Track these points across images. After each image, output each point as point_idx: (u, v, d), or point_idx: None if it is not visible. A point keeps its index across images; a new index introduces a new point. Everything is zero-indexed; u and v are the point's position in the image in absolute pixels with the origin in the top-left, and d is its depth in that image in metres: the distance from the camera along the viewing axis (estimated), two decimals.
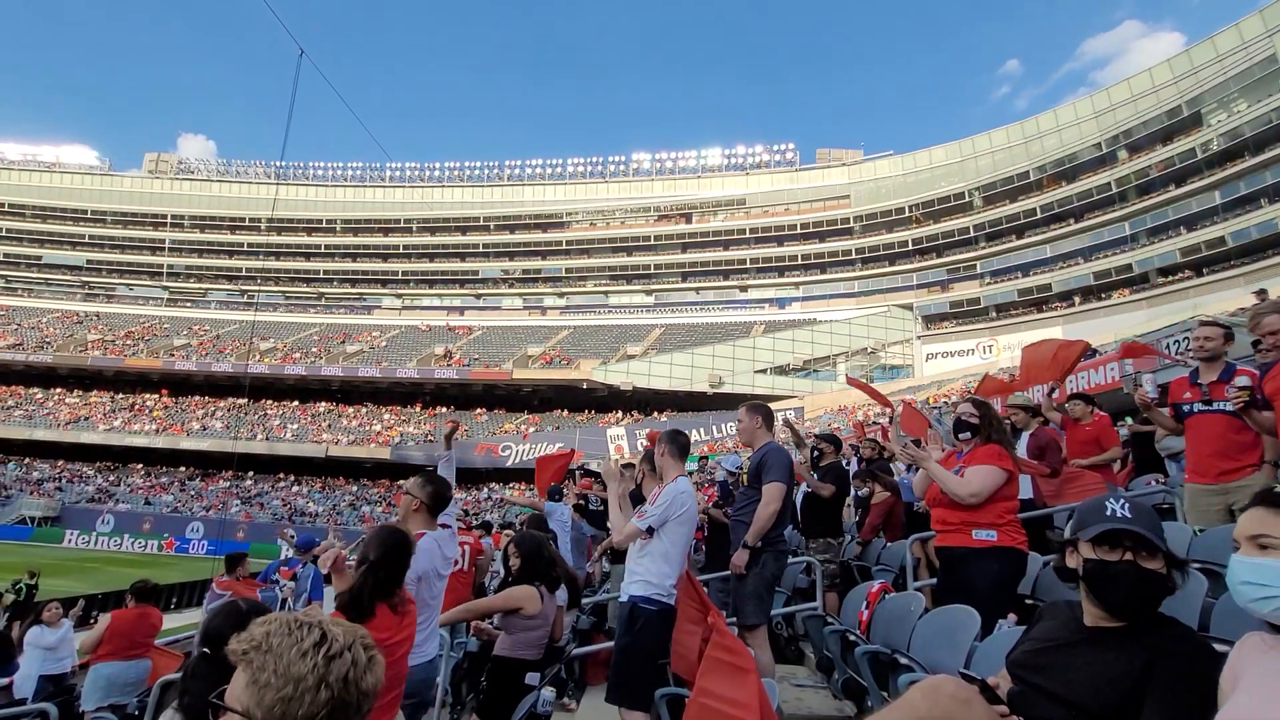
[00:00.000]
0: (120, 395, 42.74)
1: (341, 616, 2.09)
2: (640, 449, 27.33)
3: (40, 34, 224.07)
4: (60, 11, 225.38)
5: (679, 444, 3.44)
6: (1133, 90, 35.68)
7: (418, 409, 42.17)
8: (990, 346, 37.83)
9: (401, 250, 51.45)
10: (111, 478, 38.08)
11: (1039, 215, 38.42)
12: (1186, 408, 3.58)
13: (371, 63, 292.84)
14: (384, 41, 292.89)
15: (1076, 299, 36.19)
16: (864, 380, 38.53)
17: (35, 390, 42.45)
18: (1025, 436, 4.87)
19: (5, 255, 51.46)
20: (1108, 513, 1.45)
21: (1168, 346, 12.94)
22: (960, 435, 3.35)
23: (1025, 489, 4.34)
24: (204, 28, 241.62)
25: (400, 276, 51.39)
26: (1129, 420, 7.44)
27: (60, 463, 38.61)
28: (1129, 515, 1.43)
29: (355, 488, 37.95)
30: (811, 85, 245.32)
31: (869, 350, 41.00)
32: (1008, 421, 4.58)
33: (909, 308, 41.46)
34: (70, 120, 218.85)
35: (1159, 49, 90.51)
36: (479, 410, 41.92)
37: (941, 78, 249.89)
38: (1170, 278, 32.84)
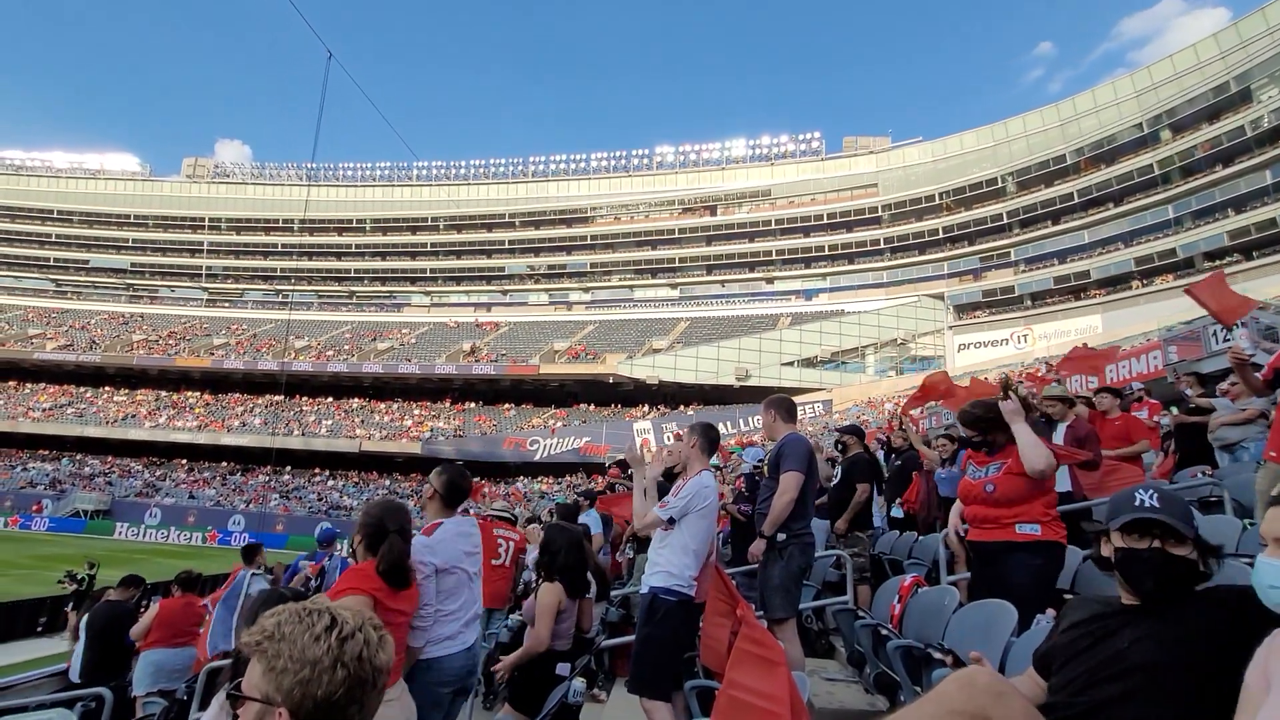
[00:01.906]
0: (164, 393, 44.35)
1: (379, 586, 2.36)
2: (667, 442, 27.38)
3: (82, 45, 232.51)
4: (102, 24, 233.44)
5: (709, 438, 3.44)
6: (1176, 67, 34.21)
7: (447, 404, 42.85)
8: (1025, 336, 36.83)
9: (429, 248, 52.19)
10: (158, 473, 39.57)
11: (1076, 200, 37.18)
12: None
13: (394, 61, 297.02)
14: (405, 40, 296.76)
15: (1127, 285, 34.86)
16: (894, 372, 38.12)
17: (85, 389, 44.29)
18: (1062, 428, 4.74)
19: (55, 260, 53.71)
20: (1136, 503, 1.49)
21: (1214, 334, 12.38)
22: (969, 430, 3.25)
23: (1063, 481, 4.22)
24: (237, 33, 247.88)
25: (428, 274, 52.13)
26: (1173, 410, 7.18)
27: (109, 458, 40.26)
28: (1156, 505, 1.46)
29: (388, 482, 38.77)
30: (838, 73, 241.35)
31: (899, 341, 40.28)
32: (1041, 417, 4.46)
33: (940, 297, 40.58)
34: (113, 128, 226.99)
35: (1201, 25, 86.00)
36: (507, 405, 42.40)
37: (971, 62, 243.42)
38: (1217, 262, 31.45)
